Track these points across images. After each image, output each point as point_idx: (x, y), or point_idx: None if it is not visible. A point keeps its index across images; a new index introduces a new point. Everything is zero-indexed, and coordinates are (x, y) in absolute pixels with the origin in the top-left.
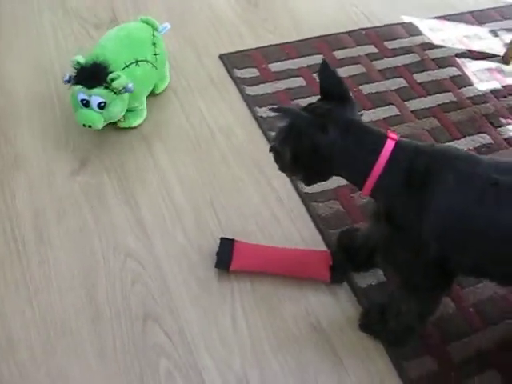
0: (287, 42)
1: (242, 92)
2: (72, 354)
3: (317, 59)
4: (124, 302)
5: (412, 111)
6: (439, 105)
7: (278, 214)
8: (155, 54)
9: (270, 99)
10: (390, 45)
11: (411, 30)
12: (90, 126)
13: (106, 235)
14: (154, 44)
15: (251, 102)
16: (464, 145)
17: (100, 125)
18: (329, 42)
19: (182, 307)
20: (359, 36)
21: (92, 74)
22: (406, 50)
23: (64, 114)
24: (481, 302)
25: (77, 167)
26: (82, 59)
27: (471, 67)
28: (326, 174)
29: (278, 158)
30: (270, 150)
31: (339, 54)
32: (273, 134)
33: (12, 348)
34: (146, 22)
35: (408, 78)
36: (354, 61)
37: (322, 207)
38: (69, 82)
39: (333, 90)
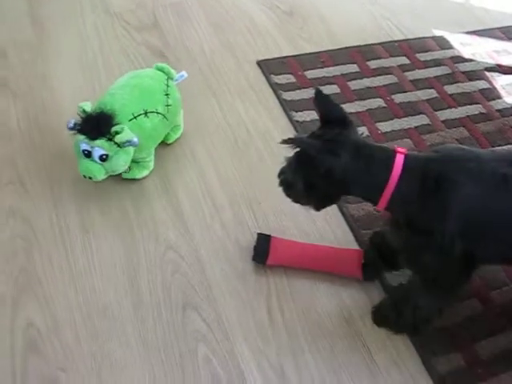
0: (322, 51)
1: (278, 97)
2: (114, 337)
3: (351, 68)
4: (164, 290)
5: (442, 121)
6: (469, 116)
7: (312, 213)
8: (167, 105)
9: (305, 104)
10: (421, 57)
11: (442, 43)
12: (90, 178)
13: (147, 227)
14: (167, 95)
15: (287, 107)
16: None
17: (100, 177)
18: (363, 52)
19: (220, 297)
20: (392, 47)
21: (96, 125)
22: (437, 63)
23: None
24: (508, 303)
25: None
26: (88, 107)
27: (500, 81)
28: (339, 196)
29: (290, 191)
30: (280, 184)
31: (372, 64)
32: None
33: (56, 328)
34: (162, 70)
35: (439, 89)
36: (386, 71)
37: (355, 208)
38: (73, 129)
39: (332, 115)
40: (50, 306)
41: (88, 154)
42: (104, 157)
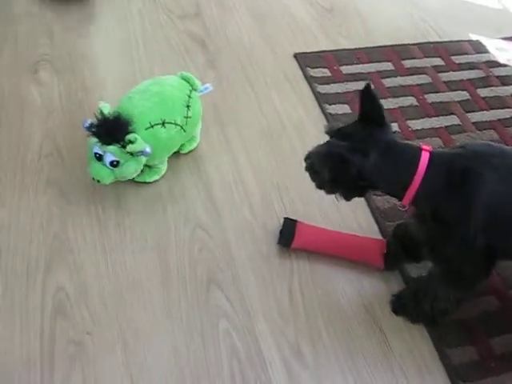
0: (359, 48)
1: (313, 89)
2: (141, 307)
3: (386, 66)
4: (191, 266)
5: (473, 123)
6: (499, 119)
7: (337, 202)
8: (186, 117)
9: (339, 98)
10: (456, 59)
11: (478, 47)
12: (98, 181)
13: (178, 206)
14: (188, 106)
15: (321, 100)
16: None
17: (108, 181)
18: (398, 52)
19: (244, 276)
20: (428, 48)
21: (111, 130)
22: (472, 66)
23: None
24: None
25: None
26: (107, 109)
27: None
28: (365, 191)
29: (315, 177)
30: (306, 169)
31: (407, 64)
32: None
33: (85, 295)
34: (186, 80)
35: (471, 92)
36: (420, 71)
37: (380, 200)
38: (88, 129)
39: (372, 113)
40: (80, 273)
41: (99, 158)
42: (115, 163)
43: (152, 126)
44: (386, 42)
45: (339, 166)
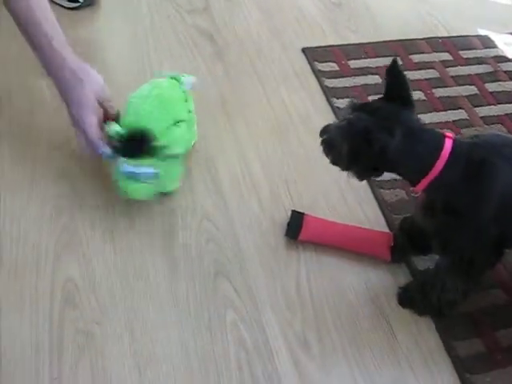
0: (367, 43)
1: (321, 83)
2: (148, 297)
3: None
4: (198, 257)
5: (481, 117)
6: (507, 114)
7: (346, 195)
8: (189, 111)
9: (347, 92)
10: (464, 54)
11: (487, 42)
12: (136, 199)
13: (185, 197)
14: (186, 100)
15: (329, 94)
16: None
17: (149, 198)
18: (406, 46)
19: (251, 268)
20: (436, 43)
21: (139, 144)
22: (480, 61)
23: None
24: None
25: None
26: (119, 128)
27: None
28: (382, 171)
29: (331, 151)
30: (322, 143)
31: (415, 58)
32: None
33: (94, 285)
34: (175, 79)
35: (479, 86)
36: (428, 65)
37: (388, 194)
38: (111, 155)
39: (398, 90)
40: (89, 264)
41: (133, 176)
42: (153, 175)
43: (167, 128)
44: (394, 36)
45: (362, 140)
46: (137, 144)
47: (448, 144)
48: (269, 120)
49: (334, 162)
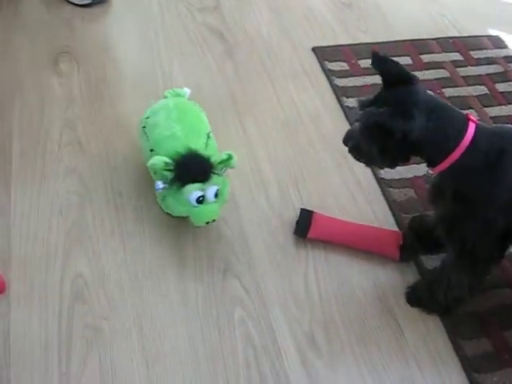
0: (377, 42)
1: (331, 83)
2: (157, 294)
3: (404, 60)
4: (208, 255)
5: (491, 117)
6: None
7: (355, 194)
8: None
9: (357, 91)
10: (475, 54)
11: (497, 43)
12: (213, 221)
13: None
14: (201, 111)
15: (339, 93)
16: None
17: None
18: (416, 46)
19: (260, 266)
20: (446, 43)
21: (201, 165)
22: (491, 61)
23: (165, 83)
24: None
25: None
26: (167, 159)
27: None
28: (410, 156)
29: (362, 156)
30: (351, 151)
31: (425, 58)
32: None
33: (103, 281)
34: (178, 95)
35: (490, 87)
36: (439, 65)
37: (397, 193)
38: (165, 186)
39: (394, 74)
40: (98, 260)
41: (201, 200)
42: (217, 192)
43: (206, 144)
44: (405, 36)
45: (385, 136)
46: (197, 165)
47: (471, 128)
48: (278, 119)
49: (369, 164)
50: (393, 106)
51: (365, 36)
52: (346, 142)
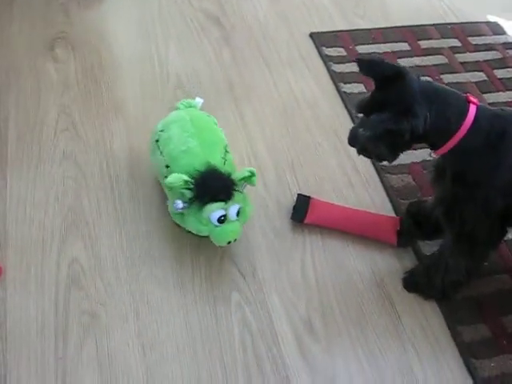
0: (375, 28)
1: (328, 68)
2: (154, 280)
3: (402, 46)
4: (204, 240)
5: (489, 103)
6: None
7: (352, 180)
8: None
9: (354, 77)
10: (473, 40)
11: (496, 29)
12: (235, 240)
13: None
14: (215, 123)
15: (336, 78)
16: None
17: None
18: (415, 32)
19: (257, 251)
20: (445, 29)
21: (222, 184)
22: (489, 47)
23: (161, 69)
24: None
25: None
26: (186, 177)
27: None
28: (414, 143)
29: (372, 155)
30: (359, 152)
31: (424, 44)
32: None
33: (99, 266)
34: (191, 106)
35: (488, 73)
36: (437, 51)
37: (394, 179)
38: (185, 206)
39: (383, 73)
40: (94, 245)
41: (223, 219)
42: (239, 210)
43: (225, 159)
44: (403, 22)
45: (393, 139)
46: (219, 184)
47: (472, 110)
48: (275, 104)
49: (380, 160)
50: (393, 107)
51: (363, 22)
52: (352, 143)
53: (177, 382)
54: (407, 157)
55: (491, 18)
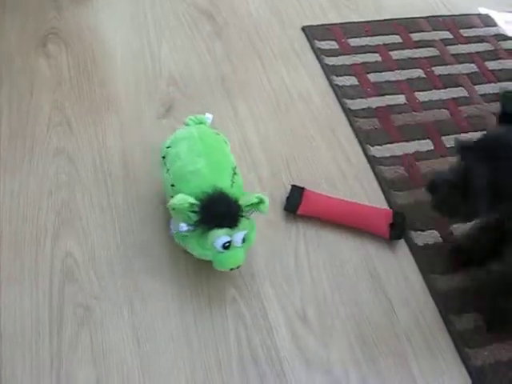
0: (367, 21)
1: (320, 61)
2: (148, 273)
3: (394, 39)
4: None
5: (481, 95)
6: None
7: (346, 172)
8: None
9: (347, 70)
10: (465, 32)
11: (487, 21)
12: (238, 267)
13: None
14: (226, 142)
15: (329, 72)
16: None
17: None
18: (406, 25)
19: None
20: (436, 22)
21: (228, 209)
22: (480, 39)
23: (154, 64)
24: None
25: (163, 112)
26: (192, 199)
27: None
28: None
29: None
30: (446, 215)
31: (415, 37)
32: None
33: (93, 260)
34: (201, 122)
35: (479, 64)
36: (428, 44)
37: (387, 170)
38: (187, 230)
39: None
40: (88, 239)
41: (228, 245)
42: (245, 237)
43: (233, 182)
44: (395, 15)
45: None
46: (225, 210)
47: None
48: (268, 98)
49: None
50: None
51: (355, 15)
52: (432, 191)
53: (172, 375)
54: (400, 148)
55: (482, 10)
